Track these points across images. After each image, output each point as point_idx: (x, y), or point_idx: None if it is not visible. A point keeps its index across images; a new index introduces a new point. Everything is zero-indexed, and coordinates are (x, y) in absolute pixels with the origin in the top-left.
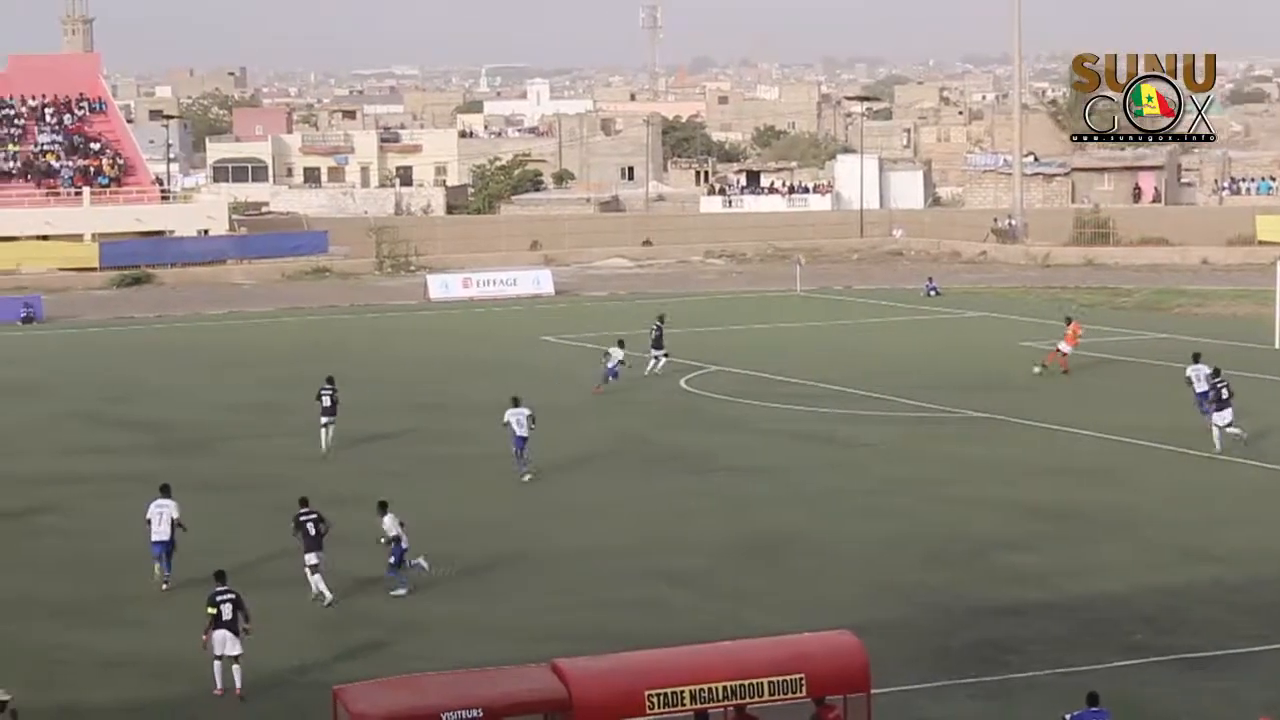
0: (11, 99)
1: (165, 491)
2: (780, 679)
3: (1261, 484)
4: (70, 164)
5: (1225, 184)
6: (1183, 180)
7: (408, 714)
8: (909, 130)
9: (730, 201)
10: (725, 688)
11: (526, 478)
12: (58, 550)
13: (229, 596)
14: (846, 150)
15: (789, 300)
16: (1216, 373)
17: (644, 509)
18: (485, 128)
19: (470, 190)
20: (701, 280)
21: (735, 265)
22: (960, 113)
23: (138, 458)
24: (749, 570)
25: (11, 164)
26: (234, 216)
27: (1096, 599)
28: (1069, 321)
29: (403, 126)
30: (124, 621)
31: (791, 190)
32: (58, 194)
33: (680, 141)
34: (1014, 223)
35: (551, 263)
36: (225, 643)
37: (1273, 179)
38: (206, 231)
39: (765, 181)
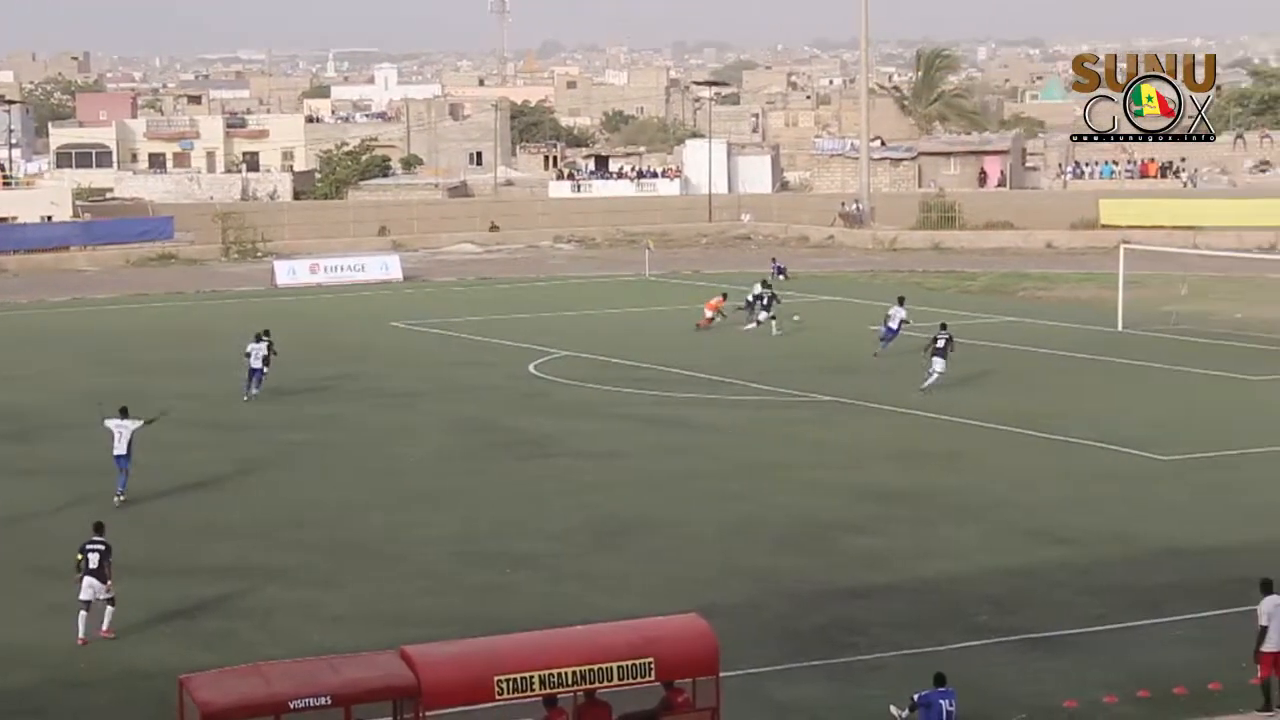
0: None
1: (124, 413)
2: (629, 663)
3: (1108, 467)
4: None
5: (1069, 168)
6: (1027, 165)
7: (255, 702)
8: (757, 115)
9: (579, 186)
10: (575, 672)
11: (245, 399)
12: None
13: (98, 546)
14: (695, 135)
15: (638, 285)
16: (943, 326)
17: (491, 494)
18: (332, 113)
19: (318, 176)
20: (551, 265)
21: (584, 250)
22: (808, 98)
23: None
24: (597, 554)
25: None
26: (78, 203)
27: (941, 581)
28: (724, 297)
29: (249, 111)
30: None
31: (640, 175)
32: None
33: (529, 126)
34: (861, 207)
35: (400, 248)
36: (91, 589)
37: (1115, 163)
38: (50, 218)
39: (614, 166)
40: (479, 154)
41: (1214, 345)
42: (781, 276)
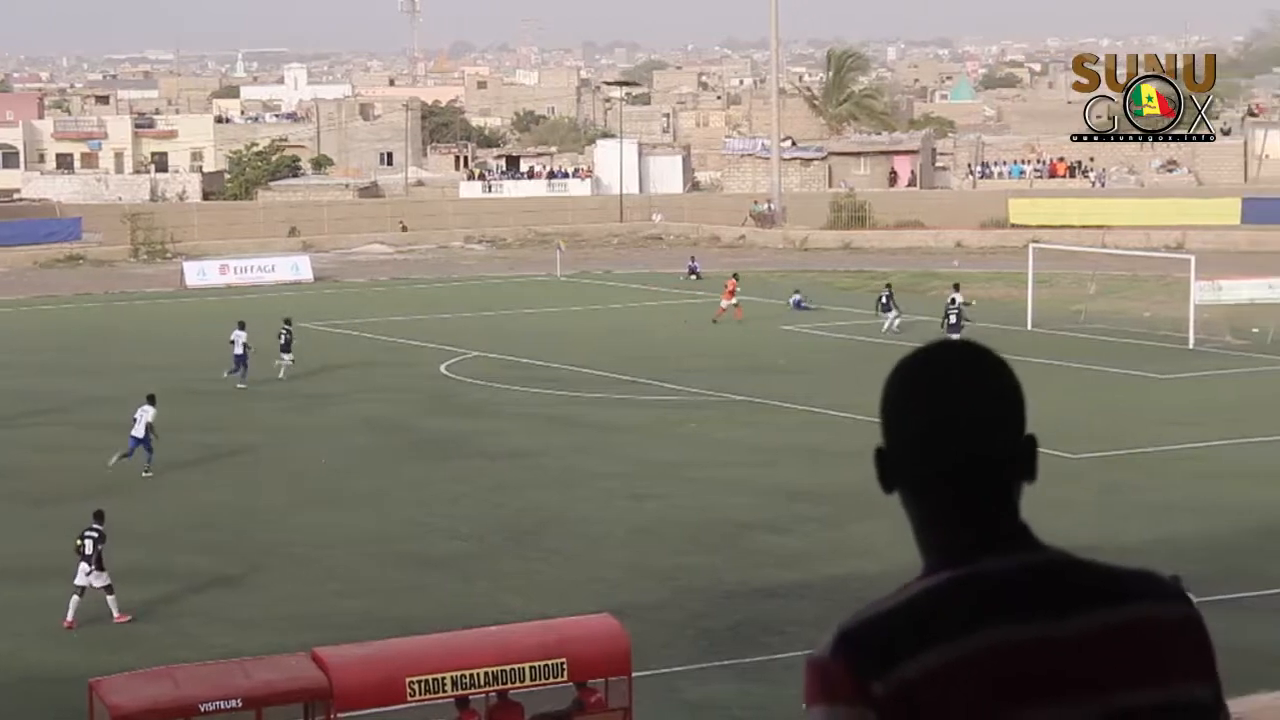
0: None
1: (151, 400)
2: (542, 663)
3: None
4: None
5: (978, 168)
6: (937, 164)
7: (165, 705)
8: (668, 115)
9: (490, 187)
10: (487, 673)
11: (238, 385)
12: None
13: (92, 535)
14: (606, 135)
15: (550, 285)
16: (952, 301)
17: (402, 494)
18: (242, 113)
19: (227, 176)
20: (462, 266)
21: (496, 250)
22: (718, 97)
23: None
24: (508, 554)
25: None
26: None
27: (851, 579)
28: (735, 278)
29: (158, 112)
30: None
31: (551, 175)
32: None
33: (439, 126)
34: (772, 207)
35: (310, 249)
36: (85, 575)
37: (1024, 163)
38: None
39: (525, 166)
40: (389, 154)
41: (1122, 344)
42: (695, 277)
